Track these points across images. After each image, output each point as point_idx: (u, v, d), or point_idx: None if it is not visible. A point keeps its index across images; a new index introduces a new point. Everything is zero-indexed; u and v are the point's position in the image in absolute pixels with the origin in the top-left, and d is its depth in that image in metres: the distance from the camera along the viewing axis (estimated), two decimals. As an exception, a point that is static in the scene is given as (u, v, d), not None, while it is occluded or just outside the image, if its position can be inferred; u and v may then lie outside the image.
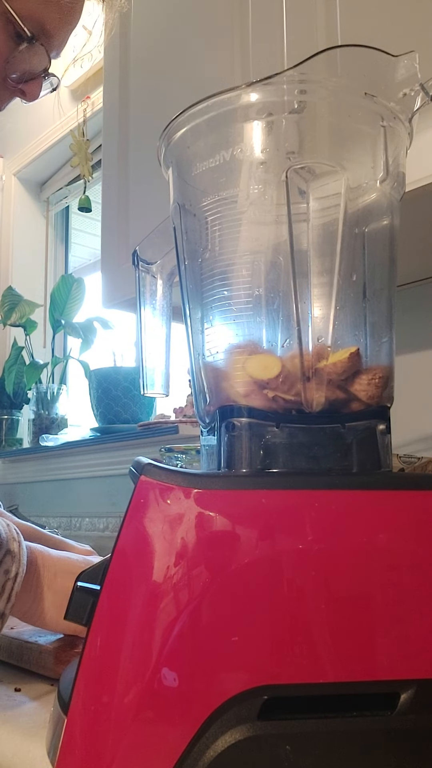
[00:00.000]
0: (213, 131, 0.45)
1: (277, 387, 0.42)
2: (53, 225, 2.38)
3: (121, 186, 1.05)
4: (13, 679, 0.63)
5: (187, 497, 0.38)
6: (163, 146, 0.48)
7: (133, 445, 1.52)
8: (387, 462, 0.43)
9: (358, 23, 0.68)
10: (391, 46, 0.43)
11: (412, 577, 0.37)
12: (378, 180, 0.44)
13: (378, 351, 0.45)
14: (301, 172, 0.43)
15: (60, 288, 1.98)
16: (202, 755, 0.34)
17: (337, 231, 0.43)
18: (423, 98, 0.43)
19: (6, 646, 0.68)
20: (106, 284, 1.05)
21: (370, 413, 0.43)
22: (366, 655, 0.36)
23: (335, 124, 0.45)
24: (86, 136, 1.99)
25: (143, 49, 1.04)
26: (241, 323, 0.44)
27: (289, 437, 0.42)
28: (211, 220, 0.45)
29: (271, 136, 0.43)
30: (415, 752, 0.35)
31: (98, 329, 1.91)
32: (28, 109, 2.28)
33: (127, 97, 1.06)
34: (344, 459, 0.42)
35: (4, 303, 2.03)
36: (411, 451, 0.90)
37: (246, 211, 0.44)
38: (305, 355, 0.42)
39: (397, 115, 0.44)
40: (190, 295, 0.48)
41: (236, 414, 0.42)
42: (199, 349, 0.47)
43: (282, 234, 0.43)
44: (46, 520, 1.85)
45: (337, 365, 0.42)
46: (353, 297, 0.44)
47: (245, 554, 0.36)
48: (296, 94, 0.43)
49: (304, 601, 0.36)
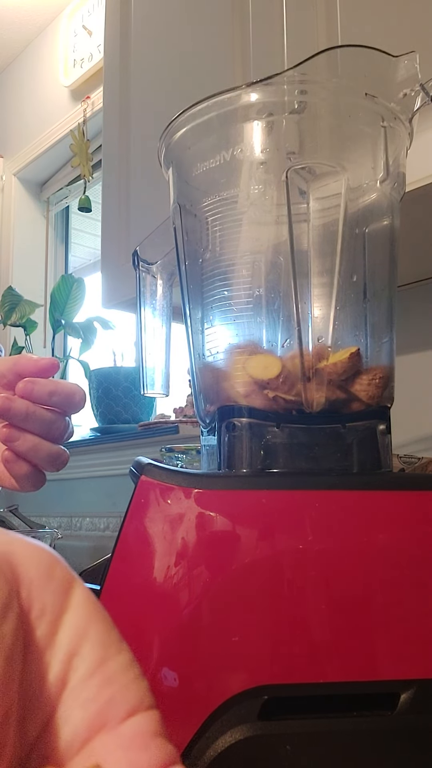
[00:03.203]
0: (213, 131, 0.45)
1: (278, 387, 0.42)
2: (53, 225, 2.38)
3: (121, 186, 1.05)
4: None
5: (188, 497, 0.38)
6: (163, 146, 0.48)
7: (134, 445, 1.52)
8: (387, 462, 0.43)
9: (359, 23, 0.68)
10: (391, 46, 0.43)
11: (412, 577, 0.37)
12: (378, 180, 0.44)
13: (378, 351, 0.45)
14: (301, 173, 0.43)
15: (60, 288, 1.98)
16: (202, 755, 0.34)
17: (337, 231, 0.43)
18: (423, 98, 0.43)
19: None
20: (106, 284, 1.05)
21: (370, 413, 0.43)
22: (366, 655, 0.36)
23: (335, 125, 0.45)
24: (86, 136, 1.99)
25: (143, 49, 1.04)
26: (242, 323, 0.44)
27: (289, 437, 0.42)
28: (211, 220, 0.45)
29: (271, 137, 0.43)
30: (416, 752, 0.35)
31: (98, 329, 1.91)
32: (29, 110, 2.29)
33: (127, 97, 1.06)
34: (344, 459, 0.42)
35: (4, 303, 2.03)
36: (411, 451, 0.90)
37: (246, 211, 0.44)
38: (305, 355, 0.42)
39: (398, 115, 0.44)
40: (190, 295, 0.48)
41: (236, 414, 0.42)
42: (199, 349, 0.47)
43: (282, 234, 0.43)
44: (46, 520, 1.85)
45: (338, 365, 0.42)
46: (353, 297, 0.44)
47: (245, 554, 0.36)
48: (296, 94, 0.43)
49: (304, 601, 0.36)
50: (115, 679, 0.18)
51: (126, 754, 0.18)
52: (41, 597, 0.18)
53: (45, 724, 0.18)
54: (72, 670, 0.18)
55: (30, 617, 0.18)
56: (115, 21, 1.09)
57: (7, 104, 2.42)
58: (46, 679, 0.18)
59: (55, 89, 2.18)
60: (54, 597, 0.19)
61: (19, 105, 2.34)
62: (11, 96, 2.39)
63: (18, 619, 0.17)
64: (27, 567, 0.18)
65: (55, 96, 2.18)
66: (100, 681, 0.18)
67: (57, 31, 2.17)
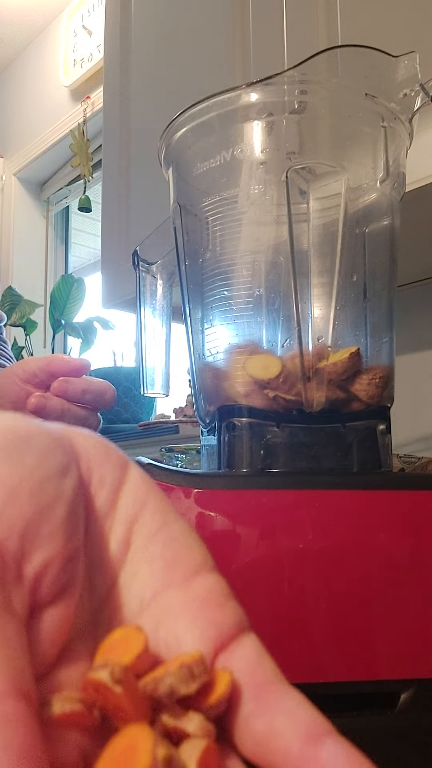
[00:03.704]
0: (213, 131, 0.45)
1: (278, 387, 0.42)
2: (53, 225, 2.39)
3: (121, 186, 1.05)
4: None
5: (188, 497, 0.38)
6: (163, 146, 0.48)
7: (134, 444, 1.52)
8: (387, 462, 0.43)
9: (359, 23, 0.68)
10: (391, 46, 0.43)
11: (412, 577, 0.37)
12: (378, 180, 0.45)
13: (378, 351, 0.45)
14: (301, 173, 0.43)
15: (60, 288, 1.99)
16: (202, 755, 0.34)
17: (337, 231, 0.43)
18: (423, 98, 0.43)
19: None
20: (106, 284, 1.05)
21: (370, 413, 0.43)
22: (366, 654, 0.36)
23: (336, 125, 0.45)
24: (86, 136, 2.00)
25: (143, 49, 1.04)
26: (242, 323, 0.44)
27: (289, 437, 0.42)
28: (211, 220, 0.45)
29: (271, 137, 0.43)
30: (416, 752, 0.35)
31: (98, 329, 1.91)
32: (29, 110, 2.29)
33: (127, 97, 1.06)
34: (344, 459, 0.42)
35: (4, 303, 2.03)
36: (411, 451, 0.90)
37: (246, 211, 0.44)
38: (305, 355, 0.42)
39: (398, 115, 0.44)
40: (190, 295, 0.48)
41: (236, 414, 0.42)
42: (199, 349, 0.47)
43: (282, 234, 0.43)
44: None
45: (338, 365, 0.42)
46: (353, 297, 0.44)
47: (246, 554, 0.36)
48: (297, 94, 0.43)
49: (305, 601, 0.36)
50: (178, 540, 0.19)
51: (200, 610, 0.18)
52: (100, 470, 0.19)
53: (111, 585, 0.18)
54: (134, 533, 0.19)
55: (90, 487, 0.19)
56: (115, 21, 1.09)
57: (7, 104, 2.42)
58: (110, 542, 0.19)
59: (55, 89, 2.18)
60: (113, 470, 0.19)
61: (19, 105, 2.34)
62: (11, 96, 2.39)
63: (78, 481, 0.18)
64: (85, 446, 0.19)
65: (55, 96, 2.18)
66: (163, 540, 0.19)
67: (57, 31, 2.17)
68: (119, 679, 0.15)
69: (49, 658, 0.16)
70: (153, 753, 0.13)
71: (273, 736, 0.15)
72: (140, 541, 0.19)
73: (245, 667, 0.17)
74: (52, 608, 0.16)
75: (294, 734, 0.15)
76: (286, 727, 0.15)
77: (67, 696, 0.15)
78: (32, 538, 0.16)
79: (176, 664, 0.16)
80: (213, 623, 0.17)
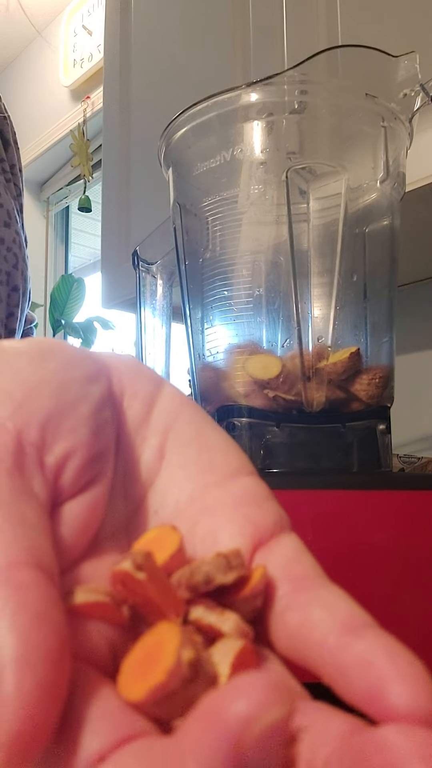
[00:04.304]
0: (213, 131, 0.45)
1: (278, 387, 0.42)
2: (53, 225, 2.39)
3: (121, 186, 1.05)
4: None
5: (188, 497, 0.38)
6: (163, 146, 0.48)
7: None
8: (387, 462, 0.43)
9: (359, 23, 0.68)
10: (391, 46, 0.43)
11: (412, 577, 0.37)
12: (378, 180, 0.45)
13: (378, 351, 0.45)
14: (301, 173, 0.43)
15: (60, 288, 1.99)
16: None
17: (337, 231, 0.43)
18: (423, 98, 0.43)
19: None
20: (106, 284, 1.05)
21: (370, 413, 0.43)
22: (366, 654, 0.36)
23: (336, 125, 0.45)
24: (86, 136, 2.00)
25: (143, 49, 1.04)
26: (242, 323, 0.44)
27: (289, 437, 0.42)
28: (211, 220, 0.45)
29: (271, 136, 0.43)
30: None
31: (98, 329, 1.91)
32: (29, 109, 2.29)
33: (127, 97, 1.06)
34: (344, 459, 0.42)
35: (4, 303, 2.03)
36: (411, 451, 0.90)
37: (246, 211, 0.44)
38: (305, 355, 0.42)
39: (398, 115, 0.44)
40: (190, 295, 0.48)
41: (236, 414, 0.42)
42: (199, 349, 0.47)
43: (282, 234, 0.43)
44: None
45: (338, 365, 0.42)
46: (353, 297, 0.44)
47: (245, 554, 0.36)
48: (297, 94, 0.43)
49: (305, 601, 0.36)
50: (214, 446, 0.19)
51: (237, 508, 0.17)
52: (133, 384, 0.19)
53: (146, 492, 0.19)
54: (169, 442, 0.19)
55: (123, 399, 0.19)
56: (115, 21, 1.09)
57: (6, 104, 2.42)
58: (144, 451, 0.19)
59: (55, 89, 2.18)
60: (146, 385, 0.20)
61: (19, 105, 2.34)
62: (11, 96, 2.39)
63: (106, 390, 0.18)
64: (118, 364, 0.20)
65: (55, 96, 2.18)
66: (198, 447, 0.19)
67: (57, 30, 2.17)
68: (141, 565, 0.14)
69: (75, 551, 0.16)
70: (177, 654, 0.12)
71: (308, 628, 0.14)
72: (175, 450, 0.19)
73: (283, 562, 0.16)
74: (77, 501, 0.16)
75: (331, 626, 0.14)
76: (323, 619, 0.14)
77: (92, 587, 0.15)
78: (53, 430, 0.16)
79: (213, 554, 0.15)
80: (250, 520, 0.17)
